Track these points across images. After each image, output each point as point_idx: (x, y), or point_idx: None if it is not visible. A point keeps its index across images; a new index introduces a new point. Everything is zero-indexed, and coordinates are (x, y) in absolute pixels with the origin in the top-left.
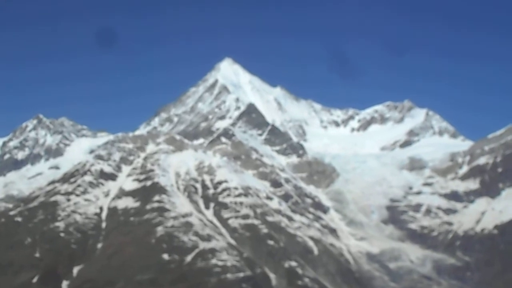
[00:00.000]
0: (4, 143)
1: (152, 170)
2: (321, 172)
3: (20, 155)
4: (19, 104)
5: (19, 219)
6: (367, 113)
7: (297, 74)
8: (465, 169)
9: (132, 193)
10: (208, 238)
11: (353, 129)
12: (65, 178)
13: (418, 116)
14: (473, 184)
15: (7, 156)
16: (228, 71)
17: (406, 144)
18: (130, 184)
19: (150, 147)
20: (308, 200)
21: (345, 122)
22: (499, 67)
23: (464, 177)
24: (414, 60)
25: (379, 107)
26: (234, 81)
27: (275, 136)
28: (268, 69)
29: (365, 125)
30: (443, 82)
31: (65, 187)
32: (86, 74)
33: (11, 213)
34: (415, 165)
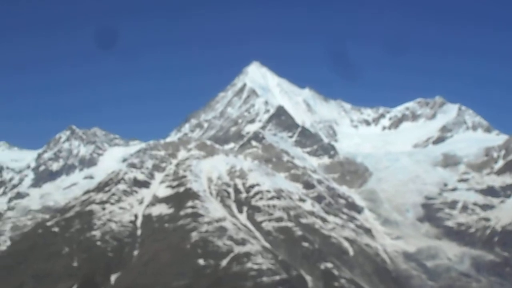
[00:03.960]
0: (39, 155)
1: (184, 176)
2: (353, 172)
3: (55, 166)
4: (52, 116)
5: (56, 229)
6: (398, 110)
7: (325, 75)
8: (500, 163)
9: (165, 200)
10: (242, 242)
11: (384, 128)
12: (100, 187)
13: (451, 111)
14: (509, 179)
15: (42, 168)
16: (256, 75)
17: (439, 140)
18: (163, 191)
19: (182, 154)
20: (342, 201)
21: (375, 120)
22: None
23: (500, 172)
24: (443, 57)
25: (410, 104)
26: (263, 84)
27: (306, 137)
28: (296, 71)
29: (397, 122)
30: (473, 77)
31: (100, 196)
32: (115, 83)
33: (48, 223)
34: (449, 161)
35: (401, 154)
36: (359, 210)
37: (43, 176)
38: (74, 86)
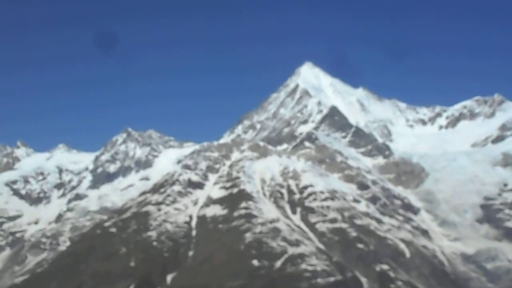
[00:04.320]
0: (97, 158)
1: (238, 178)
2: (409, 172)
3: (112, 168)
4: (109, 119)
5: (113, 230)
6: (455, 109)
7: (379, 74)
8: None
9: (219, 201)
10: (296, 243)
11: (441, 127)
12: (155, 189)
13: (510, 109)
14: None
15: (100, 170)
16: (308, 75)
17: (498, 139)
18: (217, 192)
19: (235, 155)
20: (397, 202)
21: (432, 119)
22: None
23: None
24: (499, 55)
25: (467, 103)
26: (315, 85)
27: (360, 137)
28: (349, 71)
29: (454, 121)
30: None
31: (156, 197)
32: (170, 85)
33: (106, 224)
34: (509, 160)
35: (459, 153)
36: (415, 211)
37: (100, 178)
38: (130, 93)
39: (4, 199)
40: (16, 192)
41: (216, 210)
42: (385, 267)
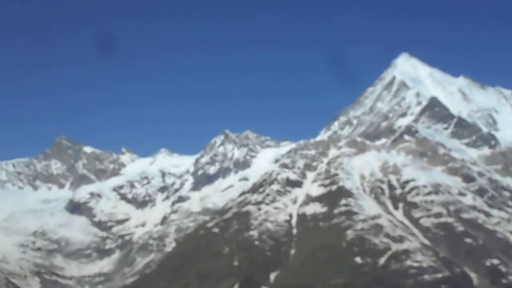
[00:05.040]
0: (197, 160)
1: (336, 175)
2: None
3: (212, 170)
4: (207, 122)
5: (216, 230)
6: None
7: (481, 61)
8: None
9: (319, 199)
10: (400, 240)
11: None
12: (254, 189)
13: None
14: None
15: (200, 172)
16: (405, 67)
17: None
18: (316, 190)
19: (332, 152)
20: (506, 193)
21: None
22: None
23: None
24: None
25: None
26: (413, 76)
27: (463, 128)
28: (448, 59)
29: None
30: None
31: (255, 197)
32: (265, 87)
33: (209, 225)
34: None
35: None
36: None
37: (201, 180)
38: (227, 94)
39: (112, 203)
40: (123, 197)
41: (315, 208)
42: (495, 261)
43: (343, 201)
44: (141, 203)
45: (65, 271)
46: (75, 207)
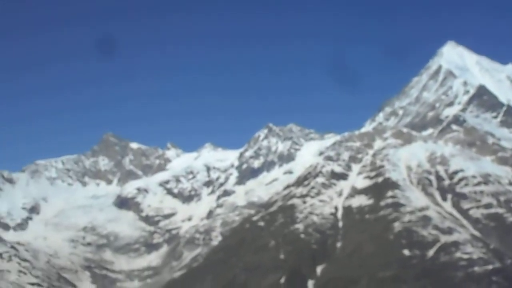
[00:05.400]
0: (241, 154)
1: (382, 166)
2: None
3: (256, 163)
4: (250, 116)
5: (261, 223)
6: None
7: None
8: None
9: (364, 191)
10: (449, 231)
11: None
12: (299, 182)
13: None
14: None
15: (245, 166)
16: (451, 55)
17: None
18: (361, 182)
19: (378, 143)
20: None
21: None
22: None
23: None
24: None
25: None
26: (460, 64)
27: None
28: (496, 47)
29: None
30: None
31: (300, 190)
32: (307, 80)
33: (254, 218)
34: None
35: None
36: None
37: (246, 174)
38: (272, 88)
39: (158, 198)
40: (169, 192)
41: (361, 200)
42: None
43: (389, 193)
44: (187, 197)
45: (115, 265)
46: (122, 203)
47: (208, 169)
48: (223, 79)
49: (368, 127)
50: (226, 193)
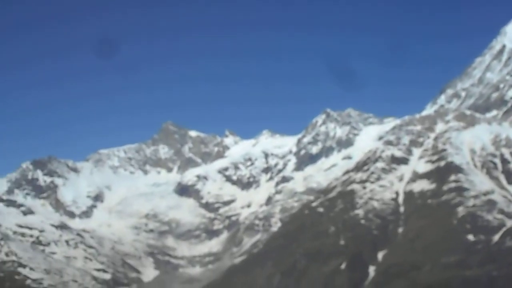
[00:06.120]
0: (299, 140)
1: (444, 150)
2: None
3: (314, 149)
4: (308, 102)
5: (321, 209)
6: None
7: None
8: None
9: (426, 175)
10: None
11: None
12: (358, 167)
13: None
14: None
15: (303, 152)
16: None
17: None
18: (423, 167)
19: (439, 126)
20: None
21: None
22: None
23: None
24: None
25: None
26: None
27: None
28: None
29: None
30: None
31: (360, 175)
32: (364, 64)
33: (313, 204)
34: None
35: None
36: None
37: (304, 160)
38: (326, 70)
39: (218, 185)
40: (228, 179)
41: (423, 185)
42: None
43: (452, 177)
44: (246, 184)
45: (177, 252)
46: (183, 190)
47: (266, 155)
48: (279, 65)
49: (429, 110)
50: (285, 179)
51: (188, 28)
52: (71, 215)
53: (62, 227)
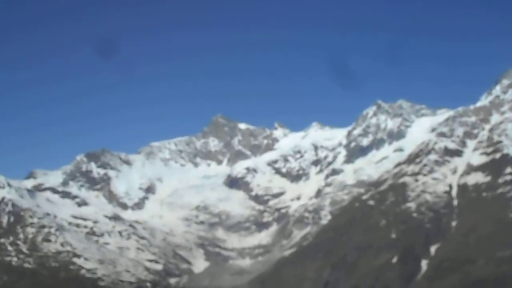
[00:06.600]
0: (349, 132)
1: (500, 142)
2: None
3: (365, 141)
4: (358, 93)
5: (371, 202)
6: None
7: None
8: None
9: (481, 168)
10: None
11: None
12: (410, 159)
13: None
14: None
15: (353, 144)
16: None
17: None
18: (477, 159)
19: (495, 118)
20: None
21: None
22: None
23: None
24: None
25: None
26: None
27: None
28: None
29: None
30: None
31: (411, 168)
32: (416, 52)
33: (364, 197)
34: None
35: None
36: None
37: (354, 152)
38: (377, 62)
39: (267, 178)
40: (277, 171)
41: (478, 178)
42: None
43: (508, 170)
44: (295, 176)
45: (227, 243)
46: (233, 182)
47: (316, 148)
48: (330, 58)
49: (484, 101)
50: (335, 172)
51: (242, 21)
52: (124, 206)
53: (115, 218)
